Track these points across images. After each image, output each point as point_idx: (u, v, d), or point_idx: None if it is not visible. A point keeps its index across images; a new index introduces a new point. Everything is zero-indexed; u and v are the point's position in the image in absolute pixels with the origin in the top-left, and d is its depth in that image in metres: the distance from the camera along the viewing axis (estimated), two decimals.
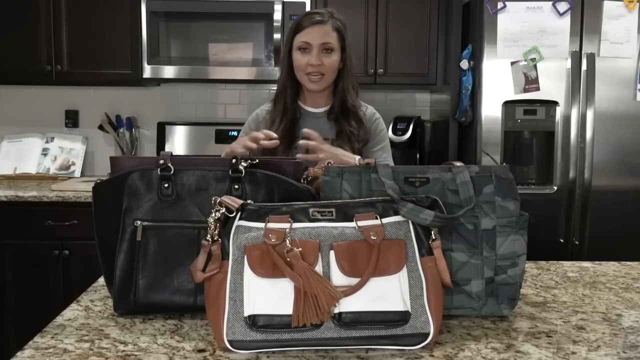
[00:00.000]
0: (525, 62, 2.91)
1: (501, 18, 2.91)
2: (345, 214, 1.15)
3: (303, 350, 1.10)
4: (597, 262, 1.78)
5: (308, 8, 3.17)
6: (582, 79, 2.92)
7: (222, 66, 3.26)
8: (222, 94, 3.71)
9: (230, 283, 1.10)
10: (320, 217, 1.14)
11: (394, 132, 3.42)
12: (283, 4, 3.19)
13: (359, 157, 1.82)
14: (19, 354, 1.08)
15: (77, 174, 3.56)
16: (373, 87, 3.39)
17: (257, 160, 1.31)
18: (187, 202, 1.27)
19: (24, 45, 3.28)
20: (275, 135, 1.76)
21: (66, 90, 3.61)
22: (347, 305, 1.09)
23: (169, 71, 3.26)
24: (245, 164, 1.27)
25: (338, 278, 1.10)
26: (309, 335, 1.08)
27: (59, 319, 1.25)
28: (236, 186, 1.26)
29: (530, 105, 2.95)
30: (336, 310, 1.09)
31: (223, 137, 3.56)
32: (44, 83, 3.45)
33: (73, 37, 3.28)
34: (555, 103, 2.94)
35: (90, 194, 1.32)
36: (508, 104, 2.95)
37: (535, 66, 2.91)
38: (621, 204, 2.99)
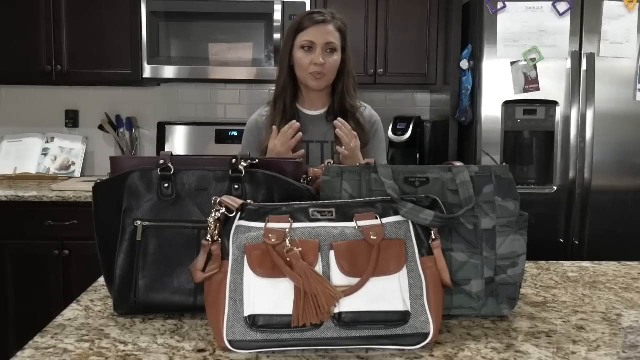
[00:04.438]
0: (525, 62, 2.91)
1: (501, 18, 2.91)
2: (345, 214, 1.15)
3: (303, 350, 1.10)
4: (597, 262, 1.78)
5: (308, 8, 3.17)
6: (582, 79, 2.92)
7: (222, 66, 3.25)
8: (222, 94, 3.71)
9: (230, 283, 1.10)
10: (320, 217, 1.14)
11: (394, 132, 3.42)
12: (283, 4, 3.19)
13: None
14: (19, 354, 1.08)
15: (77, 174, 3.56)
16: (373, 87, 3.39)
17: (257, 160, 1.31)
18: (187, 202, 1.27)
19: (24, 45, 3.28)
20: (296, 123, 1.92)
21: (66, 90, 3.61)
22: (347, 305, 1.09)
23: (169, 71, 3.26)
24: (245, 164, 1.27)
25: (338, 278, 1.10)
26: (309, 335, 1.08)
27: (59, 319, 1.25)
28: (236, 186, 1.26)
29: (530, 105, 2.95)
30: (336, 310, 1.09)
31: (223, 137, 3.56)
32: (44, 83, 3.44)
33: (73, 37, 3.28)
34: (555, 103, 2.94)
35: (90, 194, 1.32)
36: (508, 104, 2.95)
37: (535, 66, 2.91)
38: (621, 204, 2.99)
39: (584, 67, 2.91)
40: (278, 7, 3.19)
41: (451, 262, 1.23)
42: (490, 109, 2.96)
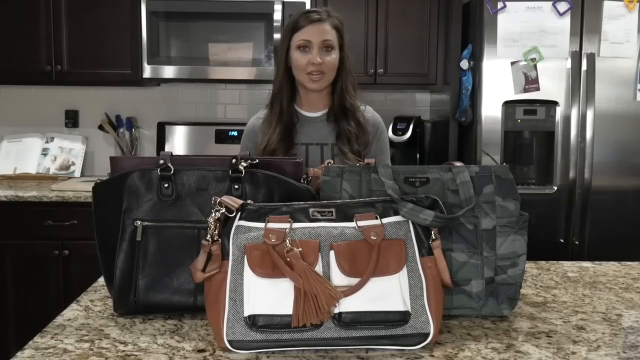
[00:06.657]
0: (525, 62, 2.91)
1: (501, 18, 2.91)
2: (345, 214, 1.15)
3: (303, 350, 1.10)
4: (597, 262, 1.78)
5: (308, 8, 3.16)
6: (582, 79, 2.92)
7: (222, 66, 3.25)
8: (222, 94, 3.71)
9: (230, 283, 1.10)
10: (320, 217, 1.14)
11: (394, 132, 3.42)
12: (283, 4, 3.19)
13: None
14: (19, 354, 1.08)
15: (77, 174, 3.56)
16: (373, 87, 3.39)
17: (257, 160, 1.31)
18: (187, 202, 1.27)
19: (24, 45, 3.28)
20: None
21: (66, 90, 3.61)
22: (347, 305, 1.09)
23: (169, 71, 3.26)
24: (245, 164, 1.27)
25: (338, 278, 1.10)
26: (309, 335, 1.08)
27: (59, 319, 1.25)
28: (236, 186, 1.26)
29: (530, 105, 2.95)
30: (336, 310, 1.09)
31: (223, 137, 3.56)
32: (44, 83, 3.44)
33: (73, 37, 3.28)
34: (555, 103, 2.94)
35: (90, 194, 1.32)
36: (508, 104, 2.94)
37: (535, 66, 2.91)
38: (621, 204, 2.99)
39: (584, 67, 2.91)
40: (278, 7, 3.18)
41: (451, 262, 1.23)
42: (490, 109, 2.96)
